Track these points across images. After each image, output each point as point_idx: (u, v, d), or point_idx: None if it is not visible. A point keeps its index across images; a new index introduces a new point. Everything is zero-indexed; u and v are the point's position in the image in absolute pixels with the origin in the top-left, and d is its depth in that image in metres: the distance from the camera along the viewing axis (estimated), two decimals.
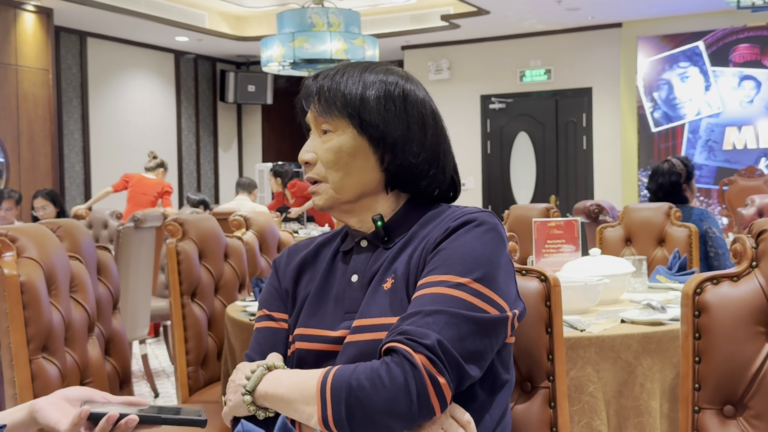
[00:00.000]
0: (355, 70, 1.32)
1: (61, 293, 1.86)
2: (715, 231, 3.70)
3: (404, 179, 1.32)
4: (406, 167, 1.30)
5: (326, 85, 1.31)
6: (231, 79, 11.12)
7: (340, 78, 1.31)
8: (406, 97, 1.31)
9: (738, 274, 1.39)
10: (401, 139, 1.29)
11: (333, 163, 1.30)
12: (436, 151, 1.33)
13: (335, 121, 1.30)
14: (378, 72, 1.32)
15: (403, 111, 1.30)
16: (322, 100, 1.31)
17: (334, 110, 1.29)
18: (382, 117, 1.29)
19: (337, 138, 1.30)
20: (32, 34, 8.12)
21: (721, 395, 1.38)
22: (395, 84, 1.31)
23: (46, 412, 1.16)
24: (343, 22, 7.17)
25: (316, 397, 1.14)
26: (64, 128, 9.15)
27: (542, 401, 1.49)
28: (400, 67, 1.38)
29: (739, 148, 8.93)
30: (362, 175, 1.30)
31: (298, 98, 1.37)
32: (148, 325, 4.68)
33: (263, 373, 1.22)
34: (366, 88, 1.29)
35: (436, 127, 1.34)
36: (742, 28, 8.85)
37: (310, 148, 1.33)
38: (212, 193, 11.38)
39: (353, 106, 1.28)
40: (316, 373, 1.17)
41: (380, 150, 1.30)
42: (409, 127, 1.30)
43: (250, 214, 3.32)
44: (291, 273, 1.38)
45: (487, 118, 10.29)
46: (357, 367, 1.14)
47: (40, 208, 5.64)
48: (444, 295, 1.18)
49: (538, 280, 1.51)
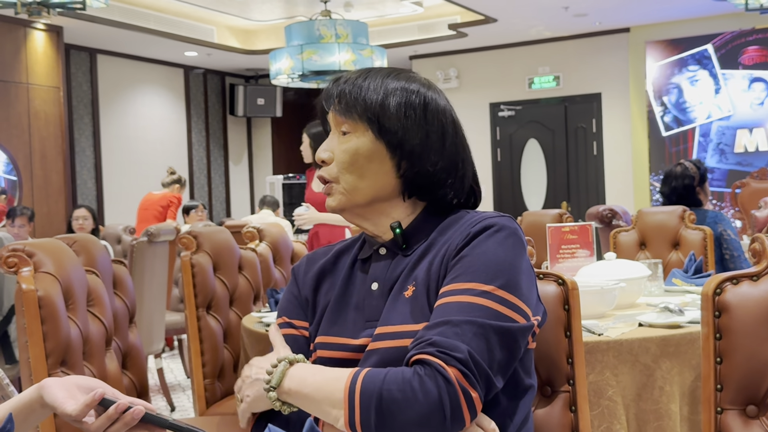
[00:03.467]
0: (377, 75, 1.32)
1: (79, 307, 1.86)
2: (729, 233, 3.69)
3: (421, 187, 1.31)
4: (424, 175, 1.30)
5: (347, 89, 1.31)
6: (240, 92, 11.16)
7: (362, 82, 1.31)
8: (426, 105, 1.31)
9: (758, 274, 1.38)
10: (419, 147, 1.29)
11: (348, 165, 1.30)
12: (455, 161, 1.32)
13: (354, 123, 1.30)
14: (400, 79, 1.32)
15: (423, 119, 1.30)
16: (342, 102, 1.31)
17: (354, 113, 1.29)
18: (402, 124, 1.29)
19: (355, 140, 1.30)
20: (43, 53, 8.18)
21: (743, 395, 1.37)
22: (416, 92, 1.31)
23: (53, 391, 1.16)
24: (351, 34, 7.19)
25: (343, 401, 1.13)
26: (75, 145, 9.20)
27: (563, 405, 1.48)
28: None
29: (750, 151, 8.89)
30: (376, 179, 1.30)
31: (319, 99, 1.37)
32: (163, 339, 4.68)
33: (286, 368, 1.22)
34: (387, 95, 1.29)
35: (456, 136, 1.33)
36: (751, 30, 8.82)
37: (328, 147, 1.33)
38: (224, 206, 11.41)
39: (373, 111, 1.29)
40: (343, 375, 1.16)
41: (397, 156, 1.29)
42: (428, 135, 1.30)
43: (263, 226, 3.33)
44: (310, 281, 1.38)
45: (496, 126, 10.28)
46: (387, 375, 1.13)
47: (81, 218, 5.71)
48: (470, 304, 1.17)
49: (555, 284, 1.51)
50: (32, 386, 1.19)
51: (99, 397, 1.13)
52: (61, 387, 1.16)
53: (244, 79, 11.63)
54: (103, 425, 1.13)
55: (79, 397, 1.15)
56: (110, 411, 1.13)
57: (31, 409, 1.18)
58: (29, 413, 1.19)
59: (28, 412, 1.19)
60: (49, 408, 1.16)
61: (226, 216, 11.25)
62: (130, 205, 9.03)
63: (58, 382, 1.17)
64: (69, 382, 1.18)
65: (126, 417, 1.13)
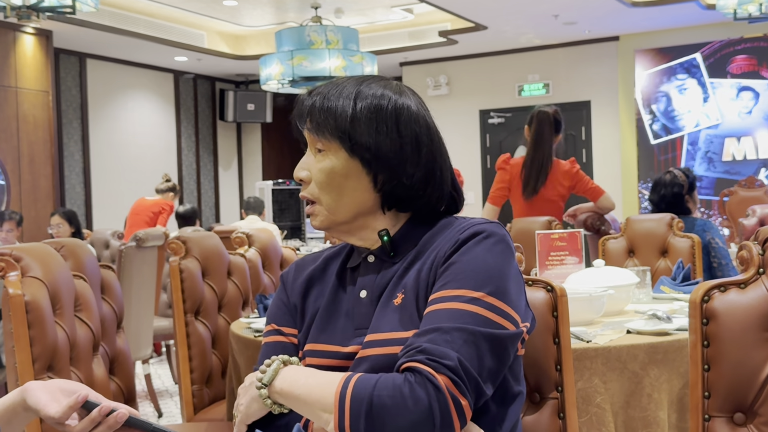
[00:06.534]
0: (347, 86, 1.30)
1: (66, 312, 1.85)
2: (718, 241, 3.70)
3: (400, 199, 1.30)
4: (402, 187, 1.29)
5: (318, 105, 1.29)
6: (230, 97, 11.15)
7: (332, 95, 1.29)
8: (399, 115, 1.28)
9: (745, 281, 1.39)
10: (394, 160, 1.27)
11: (326, 184, 1.29)
12: (432, 169, 1.30)
13: (328, 141, 1.29)
14: (371, 87, 1.30)
15: (395, 131, 1.28)
16: (314, 122, 1.29)
17: (326, 132, 1.28)
18: (374, 139, 1.27)
19: (330, 159, 1.29)
20: (32, 57, 8.15)
21: (731, 403, 1.37)
22: (387, 101, 1.28)
23: (36, 393, 1.16)
24: (341, 40, 7.20)
25: (334, 405, 1.13)
26: (64, 149, 9.16)
27: (551, 412, 1.48)
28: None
29: (738, 159, 8.94)
30: (355, 196, 1.29)
31: (293, 116, 1.35)
32: (151, 345, 4.66)
33: (279, 367, 1.22)
34: (357, 108, 1.27)
35: (431, 144, 1.31)
36: (739, 39, 8.88)
37: (305, 165, 1.32)
38: (213, 212, 11.39)
39: (344, 129, 1.27)
40: (335, 379, 1.16)
41: (373, 171, 1.28)
42: (402, 147, 1.28)
43: (252, 231, 3.32)
44: (299, 288, 1.38)
45: (486, 133, 10.30)
46: (378, 381, 1.13)
47: (55, 226, 5.66)
48: (460, 311, 1.17)
49: (544, 291, 1.51)
50: (15, 389, 1.19)
51: (82, 400, 1.12)
52: (44, 390, 1.16)
53: (234, 85, 11.62)
54: (86, 428, 1.13)
55: (62, 400, 1.15)
56: (93, 414, 1.12)
57: (14, 412, 1.18)
58: (12, 416, 1.18)
59: (11, 416, 1.18)
60: (32, 411, 1.16)
61: (215, 221, 11.22)
62: (119, 210, 9.00)
63: (42, 385, 1.17)
64: (52, 386, 1.17)
65: (109, 420, 1.12)
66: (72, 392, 1.17)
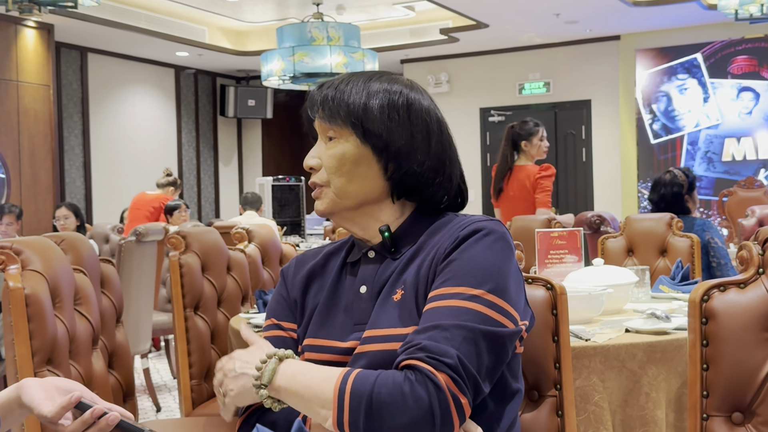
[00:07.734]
0: (359, 79, 1.33)
1: (66, 306, 1.85)
2: (717, 241, 3.70)
3: (409, 188, 1.32)
4: (411, 176, 1.30)
5: (330, 95, 1.31)
6: (231, 93, 11.15)
7: (344, 87, 1.31)
8: (410, 105, 1.31)
9: (745, 281, 1.39)
10: (405, 148, 1.29)
11: (336, 169, 1.30)
12: (441, 159, 1.33)
13: (339, 128, 1.30)
14: (382, 81, 1.32)
15: (406, 120, 1.30)
16: (326, 109, 1.31)
17: (338, 119, 1.30)
18: (386, 126, 1.29)
19: (341, 145, 1.30)
20: (33, 50, 8.15)
21: (729, 402, 1.37)
22: (399, 93, 1.31)
23: (31, 391, 1.16)
24: (342, 36, 7.19)
25: (332, 401, 1.13)
26: (64, 143, 9.16)
27: (549, 410, 1.49)
28: None
29: (738, 160, 8.94)
30: (365, 182, 1.30)
31: (304, 108, 1.37)
32: (150, 339, 4.66)
33: (276, 365, 1.20)
34: (370, 98, 1.30)
35: (441, 135, 1.34)
36: (740, 39, 8.88)
37: (315, 153, 1.34)
38: (213, 207, 11.39)
39: (356, 115, 1.29)
40: (333, 374, 1.16)
41: (384, 159, 1.30)
42: (413, 135, 1.30)
43: (252, 227, 3.32)
44: (299, 283, 1.38)
45: (486, 131, 10.30)
46: (378, 378, 1.13)
47: (62, 217, 5.65)
48: (460, 308, 1.17)
49: (544, 289, 1.51)
50: (12, 385, 1.19)
51: (75, 400, 1.13)
52: (40, 388, 1.16)
53: (235, 80, 11.61)
54: (77, 429, 1.13)
55: (57, 398, 1.15)
56: (86, 415, 1.12)
57: (9, 408, 1.18)
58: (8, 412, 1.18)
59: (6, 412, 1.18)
60: (27, 408, 1.16)
61: (215, 217, 11.22)
62: (119, 204, 9.00)
63: (38, 382, 1.17)
64: (48, 384, 1.18)
65: (101, 423, 1.13)
66: (68, 391, 1.17)
